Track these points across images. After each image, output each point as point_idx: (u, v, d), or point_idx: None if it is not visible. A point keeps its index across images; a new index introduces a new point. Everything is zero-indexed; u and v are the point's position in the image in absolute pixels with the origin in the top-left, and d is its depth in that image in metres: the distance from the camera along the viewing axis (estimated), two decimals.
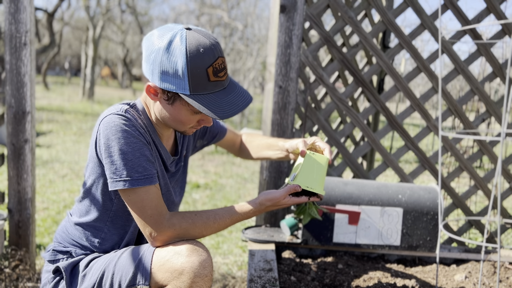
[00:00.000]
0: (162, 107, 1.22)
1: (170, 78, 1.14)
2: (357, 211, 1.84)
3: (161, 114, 1.24)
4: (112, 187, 1.17)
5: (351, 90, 2.14)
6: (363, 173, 2.18)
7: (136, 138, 1.18)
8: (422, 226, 1.88)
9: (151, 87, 1.18)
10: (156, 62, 1.14)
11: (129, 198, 1.19)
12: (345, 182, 1.92)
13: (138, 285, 1.17)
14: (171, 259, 1.15)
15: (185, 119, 1.22)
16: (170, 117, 1.23)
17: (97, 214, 1.30)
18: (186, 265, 1.13)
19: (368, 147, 2.18)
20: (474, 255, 2.01)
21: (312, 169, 1.35)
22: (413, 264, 1.96)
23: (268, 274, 1.56)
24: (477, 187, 2.22)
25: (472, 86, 2.13)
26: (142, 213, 1.18)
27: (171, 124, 1.26)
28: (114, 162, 1.16)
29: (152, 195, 1.19)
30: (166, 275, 1.14)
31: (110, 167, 1.17)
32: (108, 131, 1.17)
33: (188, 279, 1.12)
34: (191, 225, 1.22)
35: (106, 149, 1.17)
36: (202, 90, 1.15)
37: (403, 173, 2.17)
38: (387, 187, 1.91)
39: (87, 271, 1.25)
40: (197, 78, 1.13)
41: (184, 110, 1.20)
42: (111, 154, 1.16)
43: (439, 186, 1.51)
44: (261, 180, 2.19)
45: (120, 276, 1.19)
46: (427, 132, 2.18)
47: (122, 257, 1.23)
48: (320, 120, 2.12)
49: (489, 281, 1.75)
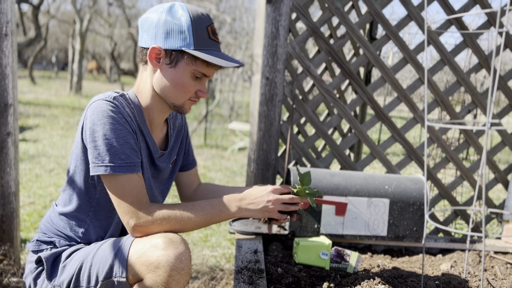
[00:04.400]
0: (163, 76, 1.24)
1: (175, 35, 1.19)
2: (344, 202, 1.85)
3: (161, 84, 1.25)
4: (94, 171, 1.17)
5: (338, 82, 2.14)
6: (350, 164, 2.18)
7: (122, 125, 1.18)
8: (408, 217, 1.89)
9: (153, 52, 1.21)
10: (160, 24, 1.20)
11: (109, 185, 1.18)
12: (332, 174, 1.92)
13: (115, 277, 1.15)
14: (147, 252, 1.13)
15: (186, 84, 1.24)
16: (171, 84, 1.24)
17: (80, 202, 1.28)
18: (162, 258, 1.10)
19: (355, 139, 2.18)
20: (459, 245, 2.02)
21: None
22: (399, 254, 1.97)
23: (255, 266, 1.55)
24: (463, 177, 2.24)
25: (458, 77, 2.14)
26: (122, 200, 1.17)
27: (171, 95, 1.26)
28: (98, 147, 1.15)
29: (133, 183, 1.18)
30: (143, 268, 1.12)
31: (93, 151, 1.16)
32: (94, 116, 1.17)
33: (164, 272, 1.10)
34: (169, 214, 1.20)
35: (91, 133, 1.16)
36: (204, 45, 1.21)
37: (390, 164, 2.18)
38: (374, 178, 1.92)
39: (67, 262, 1.24)
40: (200, 33, 1.20)
41: (187, 72, 1.22)
42: (95, 139, 1.16)
43: (425, 177, 1.52)
44: (249, 172, 2.18)
45: (97, 268, 1.18)
46: (414, 123, 2.18)
47: (100, 249, 1.21)
48: (307, 112, 2.11)
49: (474, 270, 1.77)
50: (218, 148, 7.05)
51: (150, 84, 1.28)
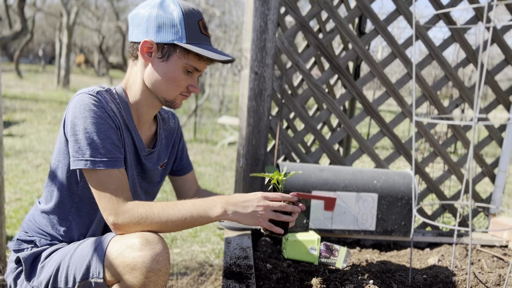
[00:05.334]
0: (154, 70, 1.23)
1: (167, 28, 1.20)
2: (333, 197, 1.85)
3: (152, 79, 1.25)
4: (74, 165, 1.15)
5: (327, 76, 2.13)
6: (339, 159, 2.18)
7: (104, 119, 1.16)
8: (396, 211, 1.90)
9: (145, 46, 1.21)
10: (151, 18, 1.20)
11: (90, 179, 1.16)
12: (321, 169, 1.92)
13: (92, 278, 1.13)
14: (123, 253, 1.09)
15: (178, 78, 1.24)
16: (162, 79, 1.23)
17: (62, 198, 1.26)
18: (137, 260, 1.07)
19: (344, 133, 2.18)
20: (447, 239, 2.04)
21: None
22: (388, 248, 1.99)
23: (244, 261, 1.55)
24: (451, 171, 2.25)
25: (446, 71, 2.15)
26: (102, 195, 1.15)
27: (162, 89, 1.25)
28: (78, 141, 1.14)
29: (114, 179, 1.16)
30: (119, 269, 1.09)
31: (74, 145, 1.15)
32: (76, 109, 1.15)
33: (141, 274, 1.06)
34: (148, 211, 1.15)
35: (72, 127, 1.15)
36: (196, 39, 1.22)
37: (379, 158, 2.18)
38: (363, 173, 1.92)
39: (46, 263, 1.22)
40: (191, 27, 1.21)
41: (179, 66, 1.22)
42: (76, 132, 1.14)
43: (413, 172, 1.53)
44: (238, 167, 2.17)
45: (74, 269, 1.15)
46: (402, 118, 2.19)
47: (78, 249, 1.19)
48: (296, 107, 2.11)
49: (461, 263, 1.79)
50: (208, 143, 7.03)
51: (141, 79, 1.27)
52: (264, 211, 1.21)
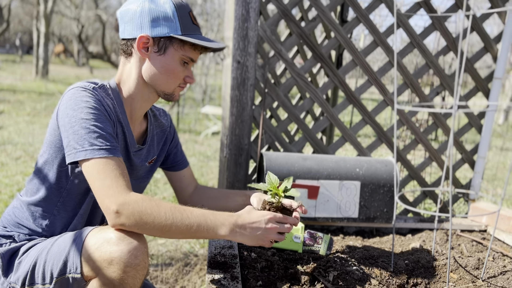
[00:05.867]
0: (152, 64, 1.25)
1: (161, 22, 1.21)
2: (316, 186, 1.86)
3: (150, 73, 1.26)
4: (72, 158, 1.11)
5: (310, 65, 2.13)
6: (322, 148, 2.19)
7: (100, 111, 1.15)
8: (379, 198, 1.93)
9: (141, 41, 1.22)
10: (144, 13, 1.21)
11: (88, 170, 1.11)
12: (304, 157, 1.92)
13: (70, 273, 1.10)
14: (100, 247, 1.06)
15: (176, 70, 1.25)
16: (160, 72, 1.25)
17: (49, 192, 1.24)
18: (114, 254, 1.04)
19: (327, 122, 2.19)
20: (428, 224, 2.08)
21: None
22: (370, 235, 2.01)
23: (229, 251, 1.55)
24: (432, 158, 2.29)
25: (427, 59, 2.17)
26: (101, 184, 1.08)
27: (161, 83, 1.26)
28: (76, 132, 1.11)
29: (115, 166, 1.11)
30: (97, 264, 1.06)
31: (72, 137, 1.11)
32: (72, 101, 1.14)
33: (118, 269, 1.04)
34: (154, 208, 1.08)
35: (69, 120, 1.12)
36: (190, 30, 1.24)
37: (361, 147, 2.20)
38: (345, 161, 1.93)
39: (23, 258, 1.19)
40: (184, 19, 1.23)
41: (176, 58, 1.24)
42: (73, 124, 1.12)
43: (395, 159, 1.54)
44: (221, 157, 2.16)
45: (51, 264, 1.13)
46: (384, 106, 2.21)
47: (55, 244, 1.16)
48: (279, 96, 2.10)
49: (442, 248, 1.83)
50: (191, 133, 6.99)
51: (136, 74, 1.28)
52: (270, 234, 1.19)
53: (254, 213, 1.20)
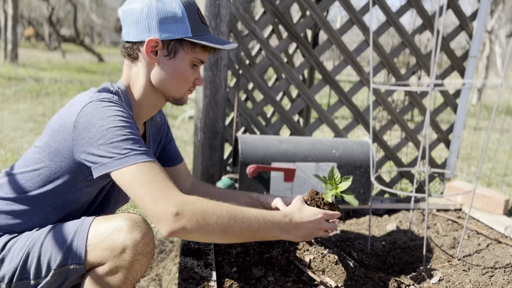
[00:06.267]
0: (162, 69, 1.17)
1: (170, 24, 1.13)
2: (292, 168, 1.83)
3: (160, 78, 1.18)
4: (106, 168, 1.00)
5: (285, 45, 2.07)
6: (299, 130, 2.15)
7: (129, 119, 1.07)
8: (355, 180, 1.91)
9: (150, 45, 1.13)
10: (151, 13, 1.12)
11: (129, 177, 1.00)
12: (280, 140, 1.88)
13: (71, 264, 1.05)
14: (110, 236, 1.03)
15: (187, 74, 1.19)
16: (171, 77, 1.18)
17: (42, 196, 1.14)
18: (128, 242, 1.02)
19: (303, 104, 2.14)
20: (404, 205, 2.08)
21: None
22: (347, 216, 2.00)
23: None
24: (408, 139, 2.28)
25: (403, 38, 2.13)
26: (150, 188, 0.98)
27: (171, 88, 1.19)
28: (110, 141, 1.01)
29: (159, 170, 1.02)
30: (105, 253, 1.03)
31: (105, 147, 1.01)
32: (99, 112, 1.04)
33: (130, 256, 1.02)
34: (215, 207, 1.02)
35: (98, 129, 1.02)
36: (200, 31, 1.17)
37: (337, 128, 2.17)
38: (322, 143, 1.90)
39: (5, 254, 1.11)
40: (194, 19, 1.15)
41: (186, 61, 1.17)
42: (104, 133, 1.02)
43: (371, 140, 1.52)
44: (196, 141, 2.10)
45: (48, 257, 1.07)
46: (360, 86, 2.17)
47: (49, 236, 1.09)
48: (254, 77, 2.04)
49: (418, 228, 1.83)
50: (168, 117, 6.87)
51: (144, 79, 1.19)
52: (318, 232, 1.20)
53: (305, 211, 1.19)
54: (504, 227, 1.79)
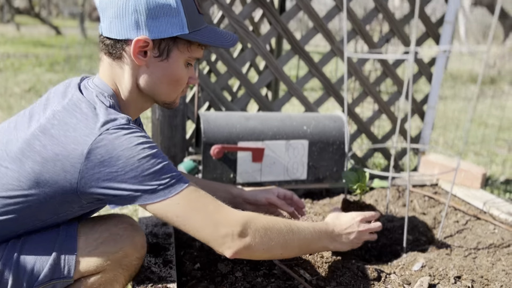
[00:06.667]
0: (151, 71, 0.98)
1: (163, 18, 0.93)
2: (260, 148, 1.67)
3: (149, 82, 0.99)
4: (147, 200, 0.89)
5: (249, 10, 1.88)
6: (267, 104, 1.99)
7: (151, 140, 0.93)
8: (328, 157, 1.78)
9: (138, 46, 0.93)
10: (140, 7, 0.91)
11: (178, 206, 0.90)
12: (247, 117, 1.72)
13: (58, 279, 0.92)
14: (106, 242, 0.97)
15: (181, 76, 1.01)
16: (163, 81, 0.99)
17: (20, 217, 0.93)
18: (127, 248, 0.98)
19: (271, 76, 1.98)
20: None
21: None
22: (320, 196, 1.88)
23: (162, 229, 1.35)
24: (381, 111, 2.17)
25: (376, 3, 1.98)
26: (205, 212, 0.91)
27: (163, 92, 1.01)
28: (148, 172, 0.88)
29: (202, 192, 0.94)
30: (99, 262, 0.95)
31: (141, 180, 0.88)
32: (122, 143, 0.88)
33: (128, 262, 1.00)
34: (273, 222, 0.98)
35: (126, 164, 0.87)
36: (197, 24, 0.98)
37: (308, 102, 2.03)
38: (292, 119, 1.75)
39: None
40: (190, 10, 0.96)
41: (181, 62, 0.99)
42: (137, 166, 0.88)
43: (345, 114, 1.38)
44: (154, 120, 1.91)
45: (28, 274, 0.91)
46: (331, 56, 2.02)
47: (25, 249, 0.92)
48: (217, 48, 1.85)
49: (395, 207, 1.73)
50: None
51: (130, 84, 1.00)
52: (363, 235, 1.17)
53: (342, 217, 1.17)
54: (482, 202, 1.71)
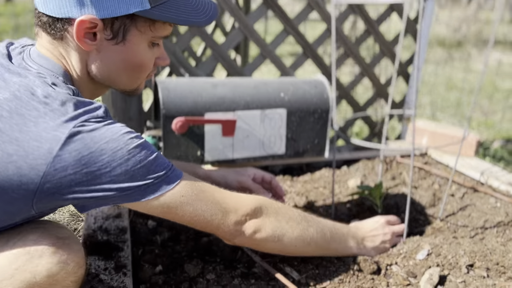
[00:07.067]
0: (105, 57, 0.79)
1: None
2: (232, 119, 1.43)
3: (104, 69, 0.80)
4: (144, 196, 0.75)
5: None
6: (237, 69, 1.74)
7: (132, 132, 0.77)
8: (309, 128, 1.56)
9: (82, 28, 0.73)
10: None
11: (183, 198, 0.79)
12: (214, 83, 1.47)
13: None
14: (26, 266, 0.72)
15: (145, 59, 0.82)
16: (119, 67, 0.81)
17: None
18: (55, 269, 0.73)
19: (240, 36, 1.71)
20: (364, 153, 1.79)
21: None
22: (300, 172, 1.68)
23: (115, 222, 1.11)
24: (363, 74, 1.96)
25: None
26: (211, 201, 0.83)
27: (121, 79, 0.83)
28: (133, 167, 0.73)
29: (197, 179, 0.85)
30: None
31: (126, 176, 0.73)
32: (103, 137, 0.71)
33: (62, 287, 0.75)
34: (284, 208, 0.94)
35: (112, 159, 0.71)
36: None
37: (283, 65, 1.79)
38: (267, 85, 1.51)
39: None
40: None
41: (143, 43, 0.80)
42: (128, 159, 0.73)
43: (333, 82, 1.16)
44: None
45: None
46: (309, 10, 1.77)
47: None
48: None
49: (383, 180, 1.55)
50: None
51: (80, 68, 0.80)
52: (390, 239, 1.11)
53: (365, 222, 1.14)
54: (479, 173, 1.55)
